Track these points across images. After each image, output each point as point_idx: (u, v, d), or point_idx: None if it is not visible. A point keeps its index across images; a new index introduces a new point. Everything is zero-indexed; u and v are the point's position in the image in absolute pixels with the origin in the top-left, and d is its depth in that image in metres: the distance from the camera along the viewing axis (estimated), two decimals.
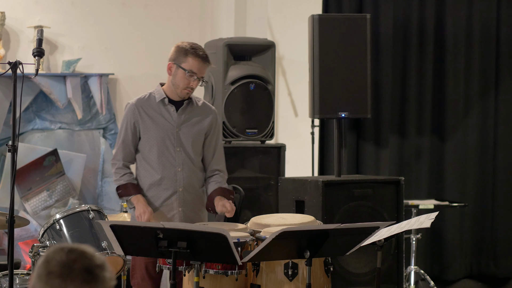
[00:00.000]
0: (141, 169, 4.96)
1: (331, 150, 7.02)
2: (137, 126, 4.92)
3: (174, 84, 4.89)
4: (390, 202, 6.38)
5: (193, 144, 4.94)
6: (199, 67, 4.85)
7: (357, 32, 6.47)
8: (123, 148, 4.95)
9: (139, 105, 4.93)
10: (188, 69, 4.83)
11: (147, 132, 4.91)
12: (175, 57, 4.89)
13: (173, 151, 4.90)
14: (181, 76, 4.86)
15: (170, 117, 4.92)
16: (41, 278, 2.25)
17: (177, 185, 4.91)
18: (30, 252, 4.94)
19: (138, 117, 4.91)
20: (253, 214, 6.11)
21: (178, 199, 4.92)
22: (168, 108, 4.92)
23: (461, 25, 7.57)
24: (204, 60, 4.87)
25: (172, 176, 4.91)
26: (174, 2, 7.71)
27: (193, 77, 4.84)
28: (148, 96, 4.96)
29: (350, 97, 6.46)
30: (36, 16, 7.27)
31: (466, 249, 7.67)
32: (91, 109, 7.37)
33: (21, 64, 4.35)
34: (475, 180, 7.64)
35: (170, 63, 4.90)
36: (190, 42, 4.93)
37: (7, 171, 7.08)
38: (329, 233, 4.14)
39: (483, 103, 7.63)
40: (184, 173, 4.92)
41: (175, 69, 4.87)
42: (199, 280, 4.34)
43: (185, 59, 4.85)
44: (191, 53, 4.85)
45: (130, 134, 4.93)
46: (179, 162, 4.91)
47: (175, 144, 4.91)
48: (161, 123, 4.90)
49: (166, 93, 4.93)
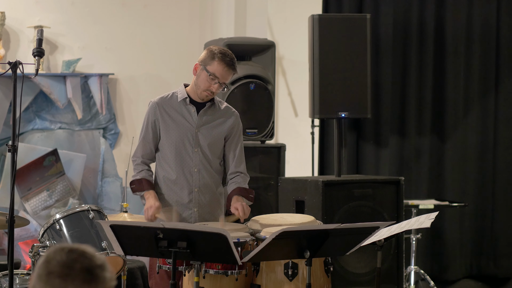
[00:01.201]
0: (159, 168, 5.00)
1: (331, 150, 7.03)
2: (157, 124, 4.95)
3: (196, 85, 4.91)
4: (390, 202, 6.38)
5: (211, 146, 4.95)
6: (223, 73, 4.86)
7: (357, 32, 6.47)
8: (143, 145, 4.99)
9: (160, 104, 4.96)
10: (211, 72, 4.85)
11: (166, 131, 4.94)
12: (203, 58, 4.92)
13: (191, 152, 4.93)
14: (203, 78, 4.88)
15: (190, 118, 4.94)
16: (42, 278, 2.25)
17: (192, 186, 4.93)
18: (30, 252, 4.94)
19: (158, 115, 4.94)
20: (253, 214, 6.11)
21: (194, 199, 4.94)
22: (189, 108, 4.94)
23: (461, 25, 7.57)
24: (229, 67, 4.87)
25: (188, 176, 4.93)
26: (174, 2, 7.71)
27: (214, 80, 4.86)
28: (171, 95, 4.99)
29: (350, 97, 6.47)
30: (36, 16, 7.27)
31: (466, 249, 7.67)
32: (91, 109, 7.37)
33: (21, 64, 4.36)
34: (475, 180, 7.64)
35: (197, 63, 4.92)
36: (221, 48, 4.95)
37: (7, 171, 7.08)
38: (329, 233, 4.14)
39: (483, 103, 7.64)
40: (200, 174, 4.94)
41: (200, 70, 4.90)
42: (199, 280, 4.34)
43: (211, 62, 4.87)
44: (218, 57, 4.86)
45: (150, 132, 4.97)
46: (196, 162, 4.93)
47: (193, 145, 4.93)
48: (180, 123, 4.93)
49: (189, 94, 4.95)
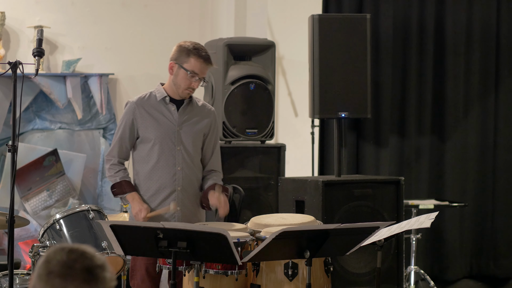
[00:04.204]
0: (140, 168, 4.95)
1: (331, 150, 7.02)
2: (135, 124, 4.91)
3: (176, 84, 4.88)
4: (390, 202, 6.38)
5: (193, 144, 4.94)
6: (201, 68, 4.85)
7: (357, 32, 6.47)
8: (120, 144, 4.94)
9: (139, 103, 4.93)
10: (190, 69, 4.83)
11: (147, 130, 4.90)
12: (177, 56, 4.88)
13: (174, 150, 4.90)
14: (182, 77, 4.85)
15: (171, 116, 4.91)
16: (42, 278, 2.25)
17: (176, 184, 4.91)
18: (30, 252, 4.95)
19: (138, 115, 4.90)
20: (253, 214, 6.12)
21: (177, 199, 4.91)
22: (169, 107, 4.92)
23: (461, 25, 7.57)
24: (207, 61, 4.86)
25: (171, 175, 4.90)
26: (174, 2, 7.71)
27: (194, 77, 4.84)
28: (149, 95, 4.96)
29: (350, 97, 6.47)
30: (36, 16, 7.27)
31: (466, 249, 7.67)
32: (91, 109, 7.37)
33: (21, 64, 4.36)
34: (475, 180, 7.64)
35: (171, 62, 4.89)
36: (192, 42, 4.92)
37: (7, 171, 7.08)
38: (329, 233, 4.14)
39: (483, 103, 7.64)
40: (183, 172, 4.91)
41: (176, 69, 4.87)
42: (199, 280, 4.34)
43: (187, 59, 4.84)
44: (194, 53, 4.84)
45: (127, 132, 4.92)
46: (179, 161, 4.91)
47: (176, 143, 4.91)
48: (162, 122, 4.90)
49: (167, 92, 4.93)
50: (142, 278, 4.87)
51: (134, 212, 4.86)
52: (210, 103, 6.77)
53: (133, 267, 4.92)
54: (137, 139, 4.94)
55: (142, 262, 4.86)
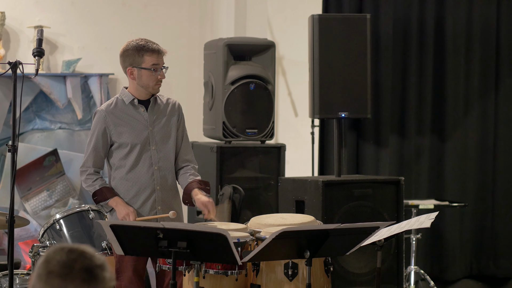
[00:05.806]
0: (117, 173, 4.94)
1: (331, 150, 7.02)
2: (108, 132, 4.89)
3: (144, 85, 4.89)
4: (390, 202, 6.38)
5: (166, 141, 4.95)
6: (159, 59, 4.89)
7: (357, 32, 6.47)
8: (94, 154, 4.91)
9: (110, 111, 4.91)
10: (150, 66, 4.85)
11: (122, 136, 4.89)
12: (131, 61, 4.89)
13: (149, 151, 4.91)
14: (147, 76, 4.87)
15: (142, 118, 4.92)
16: (41, 278, 2.25)
17: (155, 184, 4.91)
18: (30, 252, 4.95)
19: (109, 122, 4.89)
20: (253, 214, 6.11)
21: (157, 198, 4.91)
22: (138, 109, 4.93)
23: (461, 25, 7.57)
24: (159, 51, 4.90)
25: (149, 176, 4.90)
26: (174, 2, 7.71)
27: (157, 70, 4.87)
28: (116, 101, 4.95)
29: (350, 97, 6.47)
30: (36, 16, 7.27)
31: (466, 249, 7.66)
32: (91, 109, 7.37)
33: (21, 64, 4.36)
34: (475, 180, 7.63)
35: (129, 68, 4.89)
36: (134, 41, 4.96)
37: (7, 171, 7.09)
38: (329, 233, 4.14)
39: (483, 103, 7.63)
40: (160, 172, 4.92)
41: (137, 72, 4.87)
42: (199, 280, 4.34)
43: (141, 59, 4.87)
44: (144, 50, 4.88)
45: (101, 141, 4.90)
46: (155, 160, 4.91)
47: (150, 143, 4.91)
48: (135, 125, 4.91)
49: (133, 95, 4.94)
50: (129, 280, 4.84)
51: (120, 217, 4.83)
52: (210, 103, 6.78)
53: (119, 269, 4.86)
54: (111, 146, 4.93)
55: (128, 263, 4.83)
